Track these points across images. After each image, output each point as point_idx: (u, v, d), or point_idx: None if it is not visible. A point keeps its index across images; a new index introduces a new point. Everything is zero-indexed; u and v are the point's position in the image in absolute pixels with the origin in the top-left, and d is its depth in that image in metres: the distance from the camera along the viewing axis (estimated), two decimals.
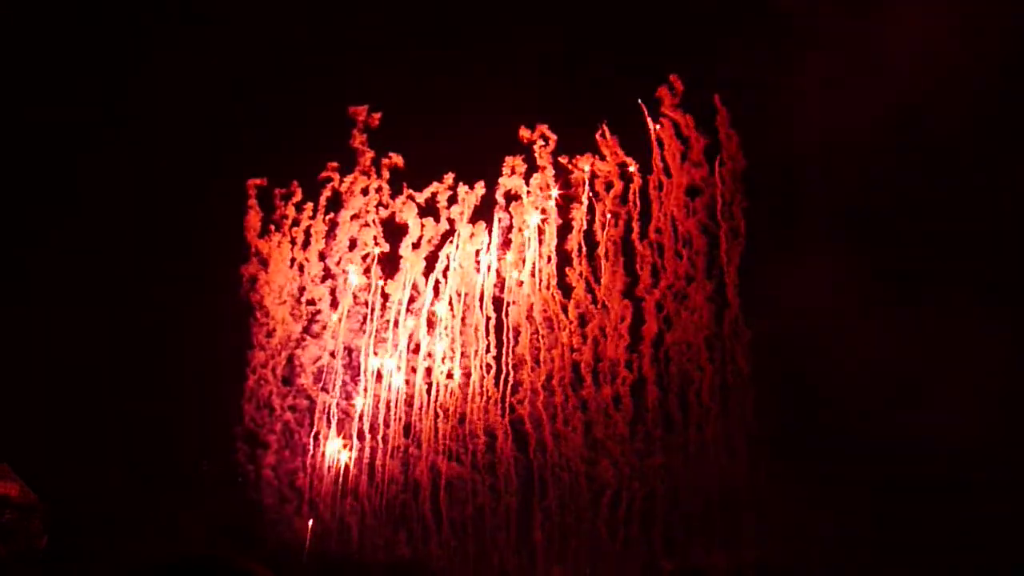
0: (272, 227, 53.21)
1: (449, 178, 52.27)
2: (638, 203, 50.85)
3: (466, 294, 52.27)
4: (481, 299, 52.14)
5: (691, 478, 49.13)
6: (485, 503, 50.06)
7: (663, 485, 49.17)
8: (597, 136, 51.46)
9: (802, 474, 45.99)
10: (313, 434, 51.09)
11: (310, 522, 49.79)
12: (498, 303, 52.13)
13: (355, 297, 52.82)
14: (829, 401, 48.36)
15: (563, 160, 51.70)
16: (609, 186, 51.63)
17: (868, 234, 49.37)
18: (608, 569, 49.46)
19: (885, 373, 47.93)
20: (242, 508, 49.69)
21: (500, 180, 51.75)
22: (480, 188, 52.36)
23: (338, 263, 53.10)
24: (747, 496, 48.19)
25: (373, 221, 53.11)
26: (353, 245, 53.20)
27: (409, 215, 52.75)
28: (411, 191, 52.98)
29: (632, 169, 51.45)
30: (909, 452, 44.42)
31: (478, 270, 52.39)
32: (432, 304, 52.42)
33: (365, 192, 53.24)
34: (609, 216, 51.13)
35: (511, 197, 52.34)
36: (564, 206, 51.71)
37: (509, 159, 51.68)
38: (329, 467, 50.62)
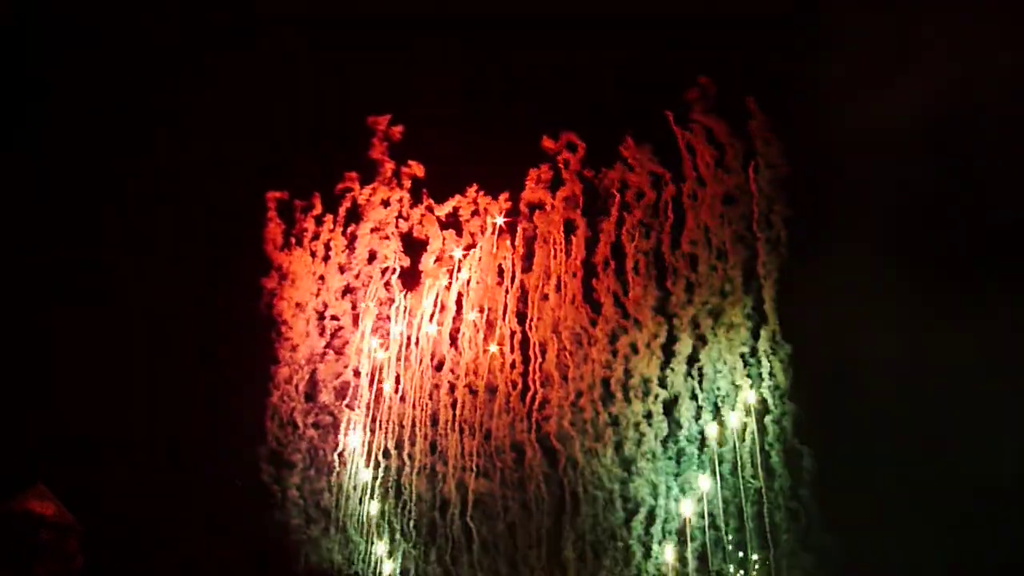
0: (292, 240, 52.19)
1: (472, 191, 50.72)
2: (670, 214, 48.61)
3: (489, 309, 50.93)
4: (504, 313, 50.79)
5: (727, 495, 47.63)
6: (516, 521, 49.34)
7: (698, 503, 47.76)
8: (622, 149, 49.14)
9: (844, 490, 44.88)
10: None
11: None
12: (522, 318, 50.80)
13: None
14: (872, 416, 46.15)
15: (588, 174, 49.71)
16: (640, 195, 49.41)
17: (913, 242, 46.61)
18: None
19: (932, 386, 45.57)
20: (271, 529, 49.64)
21: (523, 194, 50.16)
22: (504, 201, 50.80)
23: (357, 276, 52.00)
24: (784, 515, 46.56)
25: (393, 234, 51.80)
26: (373, 258, 51.98)
27: (430, 228, 51.37)
28: (431, 200, 51.50)
29: (664, 176, 49.10)
30: (957, 466, 42.64)
31: (501, 283, 50.94)
32: (456, 319, 51.20)
33: (386, 204, 51.84)
34: (639, 227, 49.03)
35: (535, 207, 50.68)
36: (591, 218, 49.92)
37: (533, 171, 49.94)
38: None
